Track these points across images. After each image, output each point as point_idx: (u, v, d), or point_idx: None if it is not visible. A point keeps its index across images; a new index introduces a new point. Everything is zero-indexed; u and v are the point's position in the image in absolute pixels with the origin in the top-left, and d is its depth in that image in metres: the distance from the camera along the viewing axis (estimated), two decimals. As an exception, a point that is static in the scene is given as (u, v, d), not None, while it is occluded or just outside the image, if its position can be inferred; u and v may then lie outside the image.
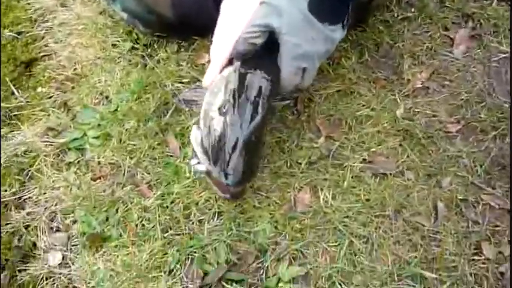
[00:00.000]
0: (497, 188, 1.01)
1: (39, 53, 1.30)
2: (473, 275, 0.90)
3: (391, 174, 1.02)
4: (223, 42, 0.87)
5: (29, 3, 1.42)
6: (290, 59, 0.85)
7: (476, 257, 0.92)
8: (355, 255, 0.92)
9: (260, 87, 0.81)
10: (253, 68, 0.83)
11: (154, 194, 1.00)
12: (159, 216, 0.97)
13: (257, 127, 0.78)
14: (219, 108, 0.81)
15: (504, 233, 0.95)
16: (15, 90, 1.22)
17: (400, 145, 1.06)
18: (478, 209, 0.98)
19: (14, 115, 1.17)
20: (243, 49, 0.84)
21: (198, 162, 0.83)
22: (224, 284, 0.89)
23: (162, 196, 0.99)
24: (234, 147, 0.76)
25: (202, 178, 0.97)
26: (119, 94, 1.16)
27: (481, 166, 1.03)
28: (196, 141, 0.82)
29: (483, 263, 0.91)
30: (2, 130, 1.14)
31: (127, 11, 1.17)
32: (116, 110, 1.13)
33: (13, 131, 1.14)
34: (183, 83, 1.16)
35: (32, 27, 1.36)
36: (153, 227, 0.95)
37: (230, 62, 0.87)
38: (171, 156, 1.05)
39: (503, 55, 1.23)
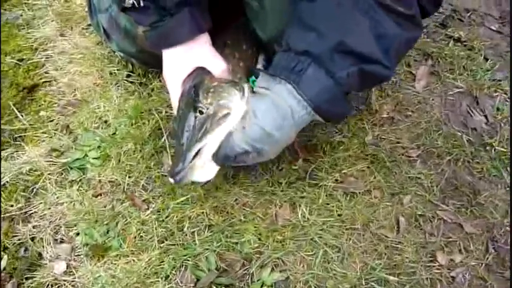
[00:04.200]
0: (450, 205, 1.15)
1: (40, 79, 1.40)
2: (429, 279, 1.03)
3: (360, 193, 1.15)
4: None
5: (29, 33, 1.53)
6: None
7: (431, 264, 1.05)
8: (329, 263, 1.04)
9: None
10: None
11: (151, 209, 1.11)
12: (155, 229, 1.07)
13: None
14: None
15: (455, 243, 1.09)
16: (18, 114, 1.31)
17: (368, 168, 1.20)
18: (433, 223, 1.12)
19: (19, 136, 1.26)
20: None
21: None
22: (214, 288, 1.00)
23: (158, 211, 1.10)
24: None
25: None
26: (117, 119, 1.27)
27: (437, 186, 1.18)
28: None
29: (437, 269, 1.04)
30: (7, 150, 1.23)
31: (123, 52, 1.30)
32: (115, 133, 1.25)
33: (18, 151, 1.23)
34: (175, 109, 1.28)
35: (33, 55, 1.47)
36: (150, 238, 1.06)
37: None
38: (166, 176, 1.16)
39: (458, 90, 1.40)
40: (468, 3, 1.67)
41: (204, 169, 0.96)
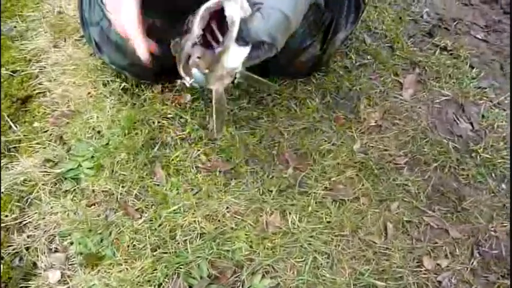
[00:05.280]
0: (437, 211, 1.18)
1: (34, 90, 1.41)
2: (416, 283, 1.06)
3: (348, 200, 1.18)
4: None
5: (22, 44, 1.55)
6: None
7: (418, 269, 1.08)
8: (318, 269, 1.07)
9: None
10: None
11: (144, 218, 1.12)
12: (148, 238, 1.09)
13: None
14: None
15: (441, 248, 1.12)
16: (12, 125, 1.33)
17: (357, 175, 1.23)
18: (420, 228, 1.15)
19: (13, 147, 1.27)
20: None
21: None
22: (207, 295, 1.02)
23: (151, 220, 1.12)
24: None
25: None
26: (110, 129, 1.29)
27: (423, 193, 1.21)
28: None
29: (424, 274, 1.07)
30: (1, 161, 1.25)
31: (114, 64, 1.32)
32: (108, 143, 1.26)
33: (12, 162, 1.24)
34: (168, 119, 1.30)
35: (27, 67, 1.48)
36: (143, 247, 1.08)
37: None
38: (158, 185, 1.18)
39: (444, 98, 1.43)
40: (454, 13, 1.71)
41: (234, 53, 0.85)
